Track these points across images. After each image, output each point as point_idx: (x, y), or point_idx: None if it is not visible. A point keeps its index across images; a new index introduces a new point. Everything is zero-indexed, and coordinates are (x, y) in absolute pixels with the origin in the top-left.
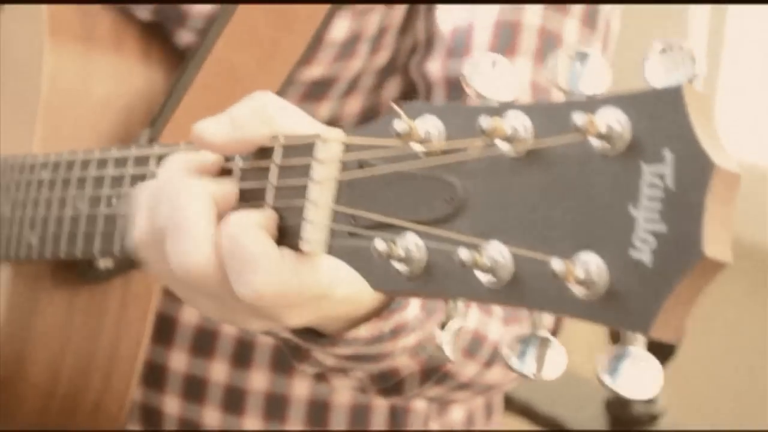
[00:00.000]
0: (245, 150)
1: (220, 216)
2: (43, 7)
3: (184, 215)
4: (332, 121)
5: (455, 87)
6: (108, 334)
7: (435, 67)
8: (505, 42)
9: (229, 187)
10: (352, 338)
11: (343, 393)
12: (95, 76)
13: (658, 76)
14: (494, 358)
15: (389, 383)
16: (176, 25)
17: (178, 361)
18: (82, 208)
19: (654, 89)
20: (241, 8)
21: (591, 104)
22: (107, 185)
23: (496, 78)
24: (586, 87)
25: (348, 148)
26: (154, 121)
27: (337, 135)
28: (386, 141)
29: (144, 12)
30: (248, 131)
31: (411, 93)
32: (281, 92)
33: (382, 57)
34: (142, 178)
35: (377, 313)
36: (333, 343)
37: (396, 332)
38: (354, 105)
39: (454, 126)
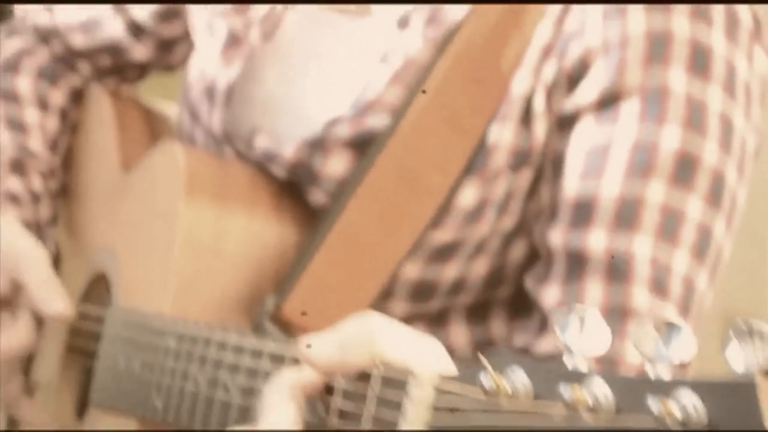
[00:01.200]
0: (346, 373)
1: None
2: (182, 163)
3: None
4: (458, 282)
5: (575, 260)
6: None
7: (556, 237)
8: (627, 217)
9: None
10: None
11: None
12: (228, 232)
13: (737, 357)
14: None
15: None
16: (310, 184)
17: None
18: (202, 388)
19: (729, 381)
20: (371, 174)
21: (668, 387)
22: (225, 370)
23: (586, 332)
24: (673, 355)
25: (440, 391)
26: (281, 288)
27: (430, 377)
28: (475, 391)
29: (280, 170)
30: (352, 357)
31: (537, 255)
32: (407, 256)
33: (509, 221)
34: (254, 373)
35: None
36: None
37: None
38: (480, 267)
39: (540, 384)
